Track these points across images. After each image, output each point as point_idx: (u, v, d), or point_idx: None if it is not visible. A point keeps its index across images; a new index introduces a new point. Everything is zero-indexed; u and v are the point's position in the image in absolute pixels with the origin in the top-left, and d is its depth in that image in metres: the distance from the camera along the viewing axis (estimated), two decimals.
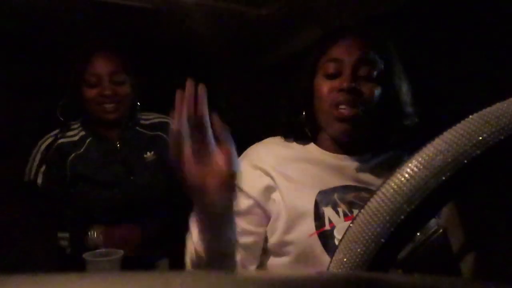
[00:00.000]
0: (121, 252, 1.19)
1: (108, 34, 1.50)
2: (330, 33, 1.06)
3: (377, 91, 0.99)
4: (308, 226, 0.93)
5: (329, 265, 0.38)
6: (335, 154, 1.04)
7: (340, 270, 0.36)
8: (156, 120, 1.64)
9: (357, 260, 0.35)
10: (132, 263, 1.23)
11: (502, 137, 0.33)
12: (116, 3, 1.28)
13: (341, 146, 1.05)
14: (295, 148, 1.07)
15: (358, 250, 0.35)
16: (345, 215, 0.95)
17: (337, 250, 0.37)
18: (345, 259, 0.36)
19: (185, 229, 0.99)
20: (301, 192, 0.97)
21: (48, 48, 1.57)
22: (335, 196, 0.97)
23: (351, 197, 0.97)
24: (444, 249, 0.46)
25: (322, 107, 1.02)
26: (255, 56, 1.73)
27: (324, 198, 0.96)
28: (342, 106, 0.98)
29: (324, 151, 1.05)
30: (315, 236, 0.93)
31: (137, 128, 1.60)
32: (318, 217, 0.94)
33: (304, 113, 1.06)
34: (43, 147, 1.49)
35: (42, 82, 1.72)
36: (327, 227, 0.93)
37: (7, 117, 1.73)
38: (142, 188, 1.52)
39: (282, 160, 1.02)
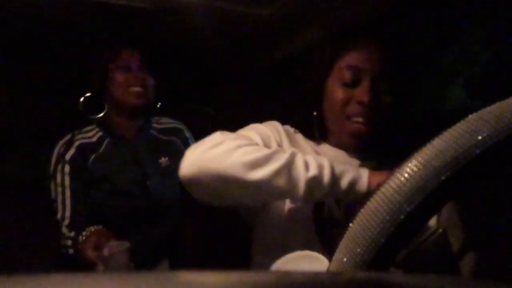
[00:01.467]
0: (127, 244, 1.21)
1: (108, 34, 1.50)
2: (345, 33, 1.02)
3: (394, 103, 0.98)
4: (307, 208, 0.94)
5: (329, 265, 0.38)
6: (342, 151, 1.04)
7: (340, 270, 0.36)
8: (170, 126, 1.67)
9: (357, 260, 0.35)
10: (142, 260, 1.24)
11: (502, 137, 0.33)
12: (115, 3, 1.28)
13: (352, 148, 1.03)
14: (303, 138, 1.07)
15: (358, 250, 0.35)
16: (346, 209, 0.95)
17: (337, 250, 0.37)
18: (345, 259, 0.36)
19: (191, 232, 1.00)
20: None
21: (48, 48, 1.58)
22: None
23: None
24: (444, 249, 0.46)
25: (334, 114, 1.00)
26: (255, 56, 1.73)
27: None
28: (358, 119, 0.96)
29: (331, 147, 1.05)
30: (311, 221, 0.94)
31: (151, 131, 1.63)
32: (318, 204, 0.94)
33: (314, 114, 1.04)
34: (61, 147, 1.49)
35: (43, 82, 1.72)
36: (325, 214, 0.94)
37: (7, 117, 1.73)
38: (155, 194, 1.53)
39: (291, 139, 1.02)
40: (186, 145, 1.65)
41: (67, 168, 1.46)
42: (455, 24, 1.25)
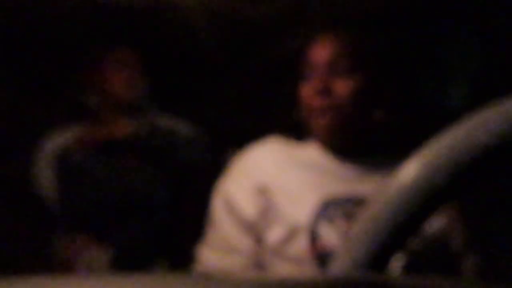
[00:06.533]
0: (108, 252, 1.20)
1: (108, 34, 1.50)
2: (308, 32, 1.09)
3: (350, 85, 0.99)
4: (304, 240, 0.93)
5: (328, 266, 0.38)
6: (335, 156, 1.02)
7: (339, 270, 0.36)
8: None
9: (357, 260, 0.35)
10: (128, 263, 1.23)
11: (502, 137, 0.33)
12: (115, 3, 1.28)
13: (339, 147, 1.02)
14: (295, 151, 1.05)
15: (358, 250, 0.35)
16: (341, 229, 0.94)
17: (337, 251, 0.37)
18: (344, 260, 0.36)
19: (188, 233, 1.00)
20: (299, 205, 0.96)
21: (48, 48, 1.58)
22: (334, 209, 0.95)
23: (351, 209, 0.95)
24: (444, 249, 0.46)
25: (304, 112, 1.03)
26: (255, 56, 1.73)
27: (322, 211, 0.95)
28: (316, 112, 0.99)
29: (323, 154, 1.03)
30: (310, 251, 0.92)
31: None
32: (314, 232, 0.93)
33: (300, 115, 1.06)
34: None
35: (44, 82, 1.72)
36: (323, 242, 0.92)
37: (7, 117, 1.73)
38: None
39: (281, 167, 1.01)
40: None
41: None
42: (455, 24, 1.25)
